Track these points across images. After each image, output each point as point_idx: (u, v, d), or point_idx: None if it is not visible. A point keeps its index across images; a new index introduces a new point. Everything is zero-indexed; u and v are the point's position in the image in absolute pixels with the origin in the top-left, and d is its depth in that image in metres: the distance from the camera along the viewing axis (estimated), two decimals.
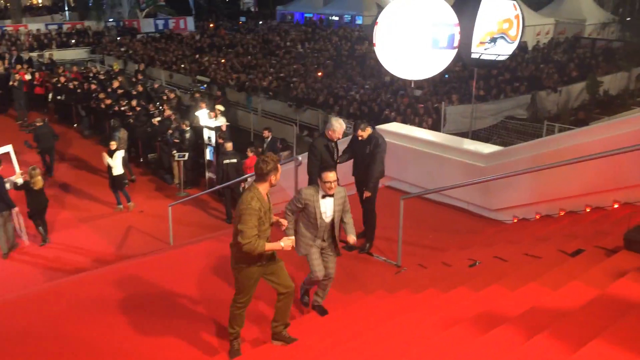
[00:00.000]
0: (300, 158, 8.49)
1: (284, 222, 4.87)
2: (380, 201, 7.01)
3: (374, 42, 10.50)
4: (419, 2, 9.95)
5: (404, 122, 13.87)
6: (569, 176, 6.67)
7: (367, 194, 6.71)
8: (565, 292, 3.94)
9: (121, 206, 12.11)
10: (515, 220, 7.48)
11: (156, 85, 18.81)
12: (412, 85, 13.67)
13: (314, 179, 5.91)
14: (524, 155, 7.34)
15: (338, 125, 6.50)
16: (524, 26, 11.57)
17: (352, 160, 7.01)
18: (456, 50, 10.17)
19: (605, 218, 6.17)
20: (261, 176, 4.31)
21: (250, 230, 4.17)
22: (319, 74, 21.55)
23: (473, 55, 11.57)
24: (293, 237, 4.79)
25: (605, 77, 20.41)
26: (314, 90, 19.35)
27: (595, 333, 3.23)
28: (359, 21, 34.25)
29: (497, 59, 11.86)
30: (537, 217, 7.28)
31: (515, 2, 11.49)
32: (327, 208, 5.03)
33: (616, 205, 6.51)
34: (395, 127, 9.63)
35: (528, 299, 4.04)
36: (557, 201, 7.08)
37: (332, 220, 5.08)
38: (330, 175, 4.86)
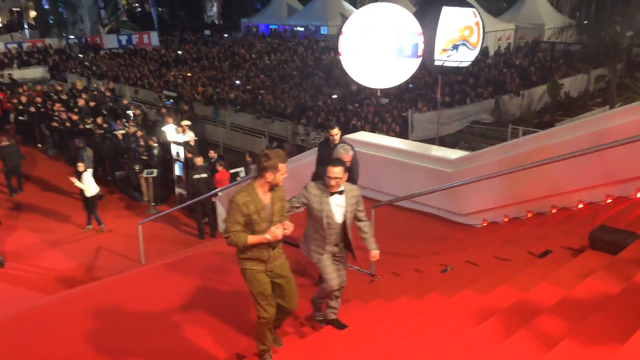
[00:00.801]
0: None
1: (289, 225, 4.12)
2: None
3: (339, 51, 10.60)
4: (383, 12, 10.09)
5: (372, 130, 14.00)
6: (534, 178, 6.82)
7: None
8: (535, 294, 4.01)
9: (90, 226, 11.86)
10: (485, 224, 7.60)
11: (125, 102, 18.56)
12: (379, 93, 13.81)
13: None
14: (490, 159, 7.48)
15: (342, 152, 5.79)
16: (484, 32, 11.84)
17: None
18: (420, 58, 10.33)
19: (571, 218, 6.32)
20: (258, 170, 4.01)
21: (232, 225, 3.96)
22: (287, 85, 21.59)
23: (436, 63, 11.77)
24: (280, 229, 4.05)
25: (565, 79, 21.00)
26: (282, 102, 19.38)
27: (565, 333, 3.30)
28: (323, 31, 34.51)
29: (460, 66, 12.08)
30: (506, 219, 7.41)
31: (474, 9, 11.75)
32: (336, 208, 4.47)
33: (581, 205, 6.68)
34: (363, 136, 9.70)
35: (499, 303, 4.09)
36: (524, 203, 7.23)
37: (344, 222, 4.54)
38: (336, 171, 4.34)
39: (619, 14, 24.54)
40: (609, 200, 6.40)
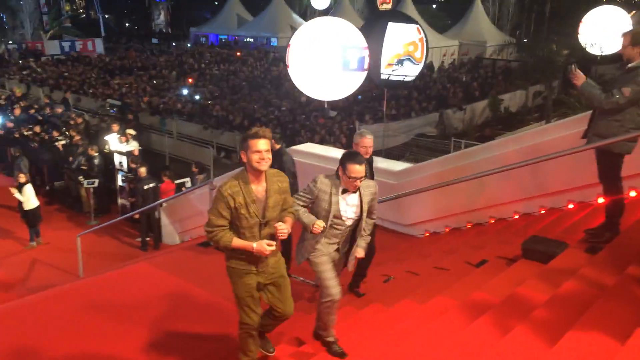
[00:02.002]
0: (215, 182, 8.40)
1: (283, 226, 3.57)
2: (298, 223, 7.03)
3: (287, 63, 10.65)
4: (330, 26, 10.22)
5: (321, 142, 14.11)
6: (473, 190, 7.05)
7: None
8: (470, 303, 4.13)
9: (34, 243, 11.32)
10: (427, 234, 7.77)
11: (59, 110, 17.90)
12: (326, 105, 13.95)
13: None
14: (432, 171, 7.67)
15: (358, 137, 5.11)
16: (428, 48, 12.17)
17: None
18: (366, 72, 10.50)
19: (507, 229, 6.55)
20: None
21: (215, 218, 3.48)
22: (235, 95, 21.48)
23: (382, 77, 12.00)
24: (265, 245, 3.53)
25: (505, 95, 21.84)
26: (230, 112, 19.26)
27: (496, 340, 3.42)
28: (273, 43, 34.60)
29: (405, 80, 12.36)
30: (447, 230, 7.60)
31: (418, 26, 12.07)
32: (347, 207, 3.90)
33: (517, 216, 6.94)
34: (309, 147, 9.75)
35: (435, 312, 4.19)
36: (464, 214, 7.44)
37: (356, 224, 3.97)
38: (358, 169, 3.73)
39: (556, 32, 25.73)
40: (543, 211, 6.68)
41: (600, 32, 12.95)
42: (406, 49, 11.87)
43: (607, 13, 13.04)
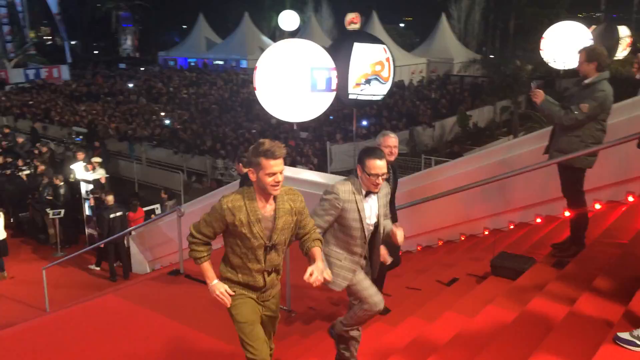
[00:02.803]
0: (183, 209, 8.27)
1: (315, 274, 3.11)
2: None
3: (254, 86, 10.62)
4: (296, 47, 10.23)
5: (292, 164, 14.08)
6: (443, 207, 7.06)
7: None
8: (441, 323, 4.10)
9: (4, 273, 10.95)
10: (400, 253, 7.74)
11: (20, 140, 17.51)
12: (295, 127, 13.93)
13: None
14: (403, 189, 7.67)
15: (380, 137, 4.80)
16: (395, 67, 12.27)
17: None
18: (334, 92, 10.53)
19: (477, 245, 6.57)
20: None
21: (204, 225, 3.15)
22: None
23: (351, 96, 12.02)
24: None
25: (473, 110, 22.20)
26: (200, 136, 19.13)
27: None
28: (243, 65, 34.65)
29: (373, 99, 12.43)
30: (419, 248, 7.59)
31: (385, 46, 12.18)
32: (371, 211, 3.57)
33: (487, 232, 6.97)
34: None
35: (408, 333, 4.14)
36: (435, 232, 7.45)
37: (376, 227, 3.63)
38: (380, 164, 3.39)
39: (520, 48, 26.38)
40: (512, 227, 6.73)
41: (562, 47, 13.26)
42: (373, 68, 11.95)
43: (568, 28, 13.38)
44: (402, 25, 51.21)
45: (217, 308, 6.21)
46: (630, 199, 5.84)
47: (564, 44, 12.38)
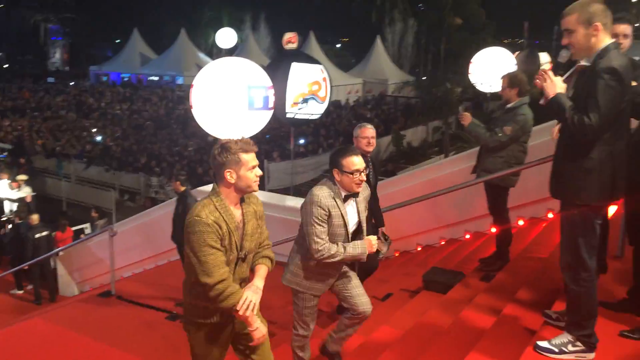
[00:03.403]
0: (115, 227, 8.04)
1: (249, 299, 2.74)
2: None
3: (191, 104, 10.54)
4: (233, 66, 10.26)
5: None
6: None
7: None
8: (375, 337, 4.21)
9: None
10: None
11: None
12: None
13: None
14: None
15: (357, 129, 4.85)
16: (331, 87, 12.54)
17: None
18: (272, 110, 10.61)
19: (410, 261, 6.78)
20: (216, 172, 2.80)
21: (212, 265, 2.65)
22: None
23: (288, 115, 12.17)
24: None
25: (407, 130, 22.89)
26: (134, 153, 18.66)
27: None
28: (179, 81, 34.15)
29: (310, 118, 12.62)
30: None
31: (322, 66, 12.44)
32: (352, 215, 3.39)
33: (419, 248, 7.21)
34: None
35: (344, 349, 4.21)
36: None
37: (358, 231, 3.44)
38: (358, 160, 3.24)
39: (451, 71, 27.52)
40: (443, 242, 7.00)
41: (488, 71, 13.98)
42: (310, 88, 12.17)
43: (494, 54, 14.10)
44: (338, 45, 52.23)
45: (150, 329, 6.09)
46: (550, 215, 6.23)
47: (490, 68, 12.98)
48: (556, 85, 2.83)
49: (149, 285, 7.84)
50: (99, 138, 21.35)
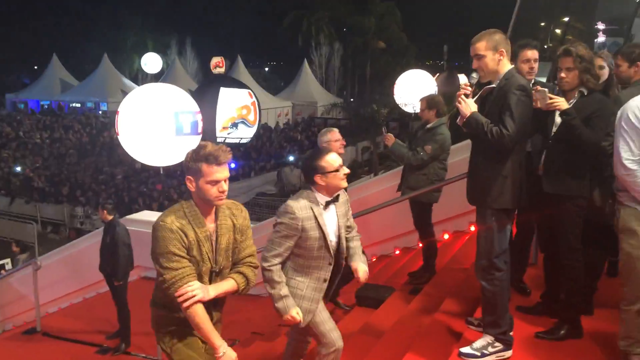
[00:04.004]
0: (39, 261, 7.70)
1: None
2: (136, 293, 6.73)
3: (117, 131, 10.33)
4: (160, 92, 10.17)
5: (159, 209, 13.71)
6: None
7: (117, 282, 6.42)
8: (307, 356, 4.28)
9: None
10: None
11: None
12: (162, 172, 13.68)
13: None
14: (270, 230, 7.88)
15: (326, 133, 4.87)
16: (260, 111, 12.66)
17: None
18: (201, 135, 10.58)
19: None
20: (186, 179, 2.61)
21: (171, 262, 2.49)
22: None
23: (218, 140, 12.15)
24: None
25: None
26: (56, 183, 17.90)
27: None
28: (103, 107, 33.13)
29: (241, 142, 12.65)
30: None
31: (250, 90, 12.55)
32: (331, 223, 3.17)
33: None
34: (146, 215, 9.47)
35: None
36: None
37: (338, 244, 3.22)
38: (336, 157, 3.13)
39: (377, 93, 28.38)
40: (374, 259, 7.21)
41: (411, 93, 14.57)
42: (240, 112, 12.23)
43: (416, 76, 14.71)
44: (267, 69, 52.66)
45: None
46: (472, 228, 6.57)
47: (413, 89, 13.51)
48: (469, 106, 3.12)
49: (77, 320, 7.56)
50: (18, 169, 20.31)
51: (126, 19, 42.08)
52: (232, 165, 19.04)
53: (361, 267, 3.24)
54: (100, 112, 32.59)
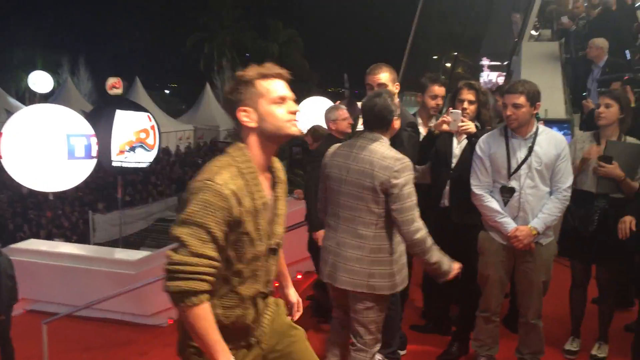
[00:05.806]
0: None
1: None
2: (21, 329, 6.28)
3: (0, 154, 9.64)
4: (50, 113, 9.72)
5: (48, 237, 12.89)
6: None
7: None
8: None
9: None
10: (171, 322, 7.63)
11: None
12: (51, 197, 12.89)
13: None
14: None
15: (333, 111, 4.41)
16: (160, 135, 12.39)
17: None
18: (95, 159, 10.16)
19: None
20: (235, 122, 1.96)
21: (200, 244, 1.78)
22: None
23: (114, 164, 11.73)
24: None
25: None
26: None
27: None
28: None
29: (139, 166, 12.28)
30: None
31: (149, 113, 12.27)
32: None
33: None
34: (33, 244, 8.95)
35: None
36: None
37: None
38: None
39: None
40: (277, 285, 7.21)
41: (313, 119, 14.94)
42: (138, 136, 11.88)
43: (318, 102, 15.11)
44: (167, 91, 51.42)
45: None
46: None
47: (314, 116, 13.88)
48: None
49: None
50: None
51: (13, 32, 39.45)
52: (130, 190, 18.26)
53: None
54: None
